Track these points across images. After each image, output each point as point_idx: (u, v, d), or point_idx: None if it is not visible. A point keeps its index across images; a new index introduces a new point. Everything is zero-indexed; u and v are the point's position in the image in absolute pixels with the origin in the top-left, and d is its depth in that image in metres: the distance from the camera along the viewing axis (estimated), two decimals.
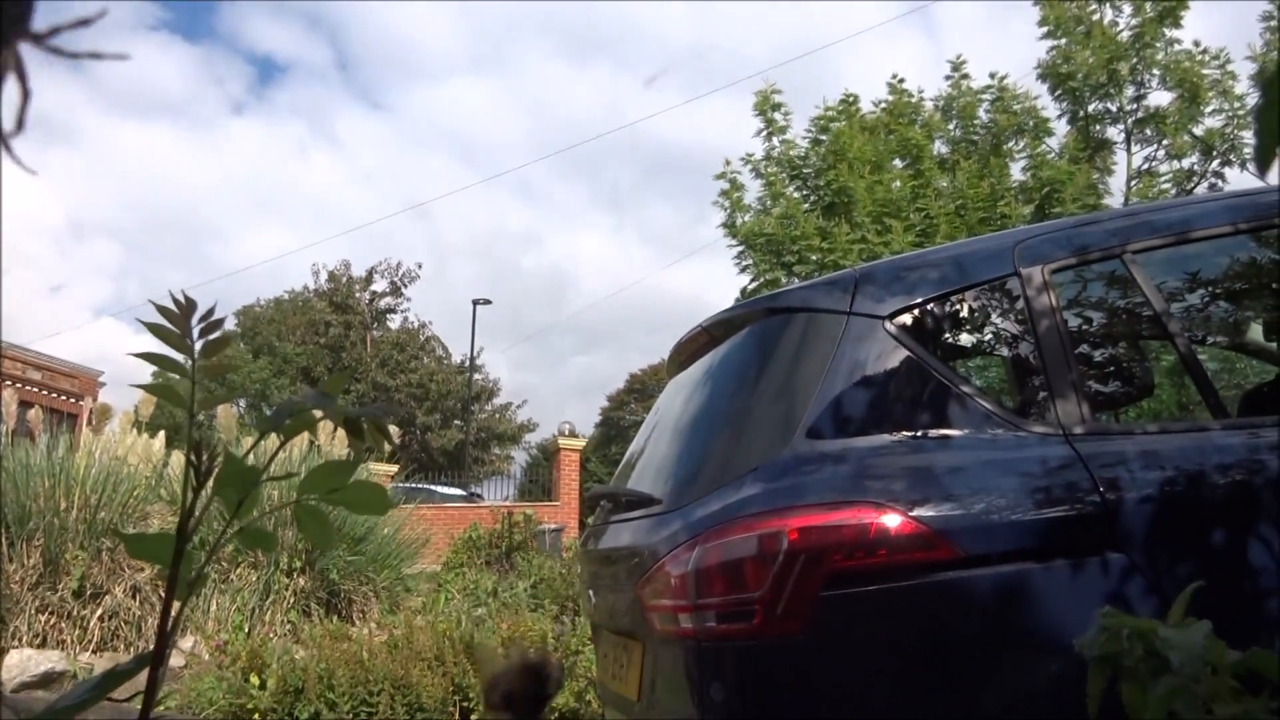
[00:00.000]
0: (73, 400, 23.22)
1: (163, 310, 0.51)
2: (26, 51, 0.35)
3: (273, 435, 0.49)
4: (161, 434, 9.19)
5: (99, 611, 7.11)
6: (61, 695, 0.50)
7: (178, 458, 8.92)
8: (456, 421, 35.98)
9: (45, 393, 21.88)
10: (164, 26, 62.12)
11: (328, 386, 0.51)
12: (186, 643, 7.01)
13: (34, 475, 7.49)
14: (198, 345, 0.51)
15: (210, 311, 0.52)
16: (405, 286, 38.55)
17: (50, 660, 6.57)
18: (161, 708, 4.96)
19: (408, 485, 18.50)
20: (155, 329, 0.51)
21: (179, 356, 0.51)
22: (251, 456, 0.52)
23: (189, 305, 0.51)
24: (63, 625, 7.02)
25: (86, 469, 7.75)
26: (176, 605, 0.49)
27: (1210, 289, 2.61)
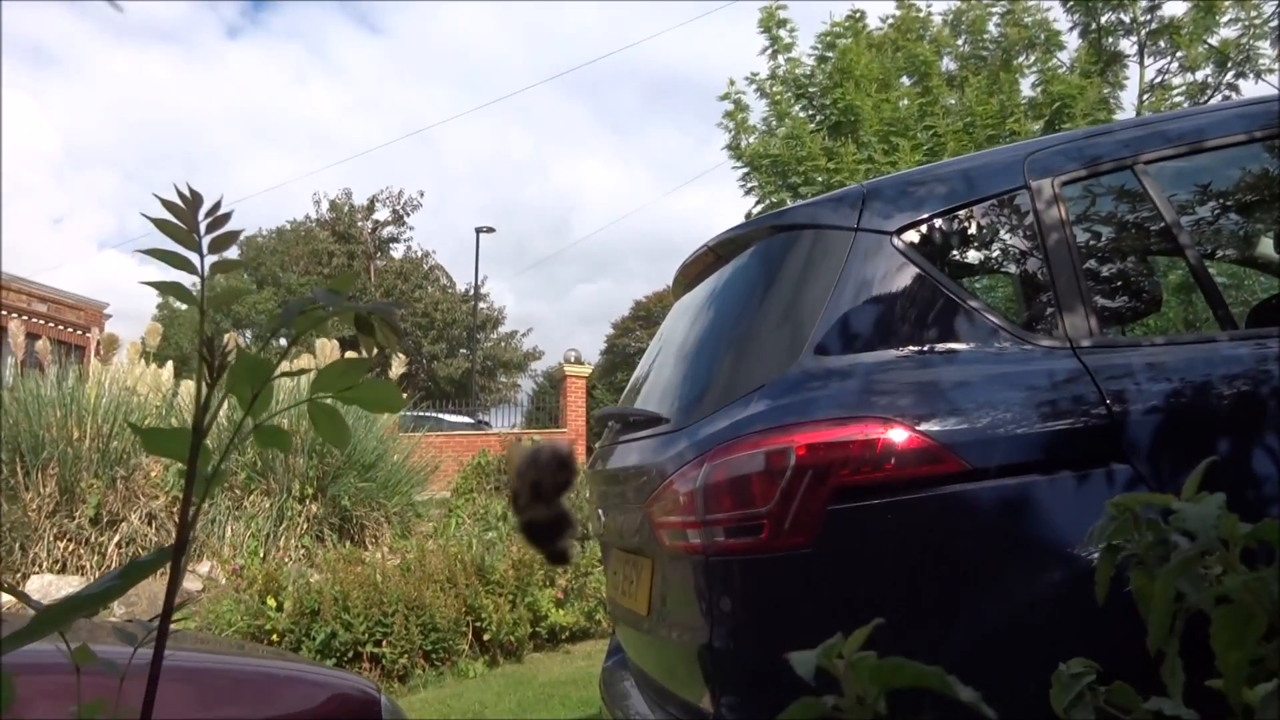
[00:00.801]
0: (79, 332, 23.27)
1: (168, 205, 0.50)
2: None
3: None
4: (170, 364, 9.23)
5: (116, 538, 7.24)
6: (87, 585, 0.51)
7: (187, 387, 8.98)
8: (462, 350, 36.05)
9: (52, 325, 21.91)
10: None
11: (336, 284, 0.51)
12: (203, 567, 7.15)
13: (45, 406, 7.56)
14: (205, 240, 0.51)
15: (217, 206, 0.52)
16: (408, 215, 38.28)
17: (70, 585, 6.71)
18: (180, 626, 5.07)
19: (415, 413, 18.60)
20: (161, 224, 0.50)
21: (187, 253, 0.50)
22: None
23: (195, 199, 0.50)
24: (81, 552, 7.16)
25: (97, 399, 7.81)
26: (195, 502, 0.50)
27: (1221, 201, 2.58)
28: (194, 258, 0.50)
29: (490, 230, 29.03)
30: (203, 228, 0.51)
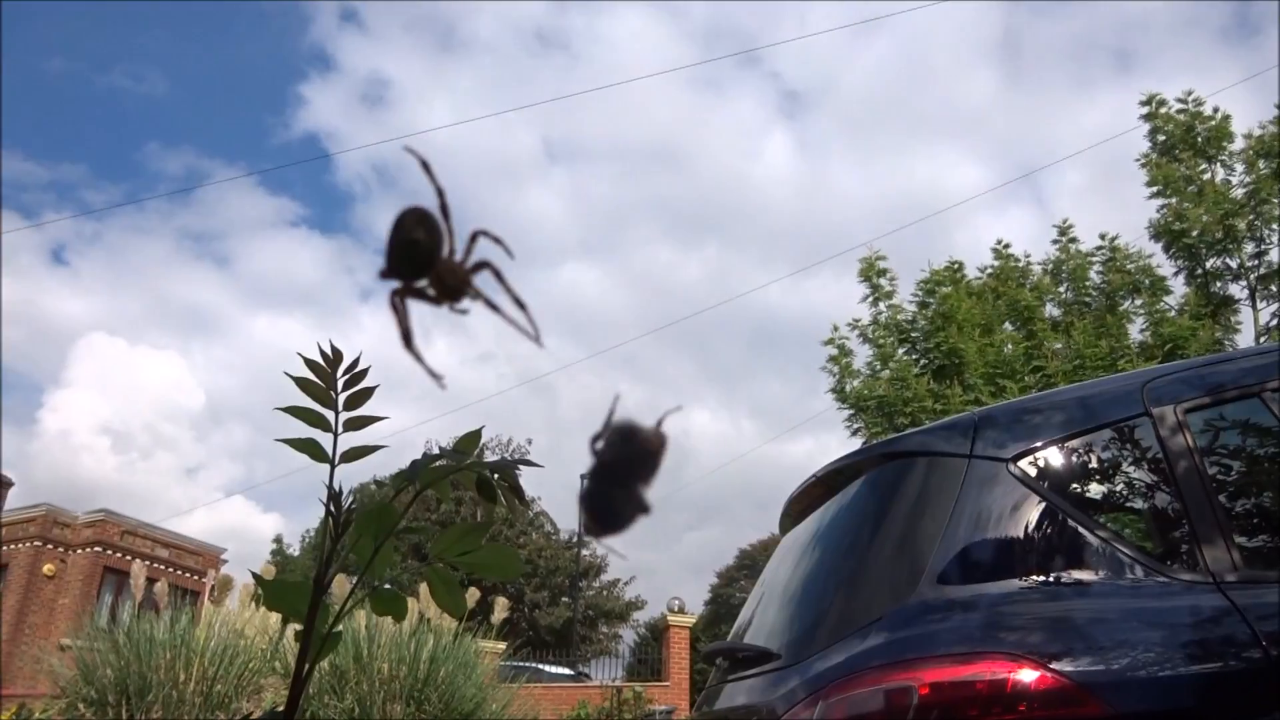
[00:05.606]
0: (196, 577, 23.92)
1: (310, 364, 0.53)
2: None
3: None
4: None
5: None
6: None
7: (291, 631, 8.99)
8: (564, 599, 35.55)
9: (171, 569, 22.67)
10: (303, 222, 67.83)
11: (462, 444, 0.51)
12: None
13: (156, 647, 7.65)
14: (342, 397, 0.53)
15: (355, 363, 0.54)
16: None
17: None
18: None
19: (515, 663, 18.15)
20: (301, 382, 0.52)
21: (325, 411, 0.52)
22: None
23: (336, 356, 0.52)
24: None
25: (205, 641, 7.88)
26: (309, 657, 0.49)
27: None
28: (329, 415, 0.52)
29: None
30: (340, 384, 0.53)
